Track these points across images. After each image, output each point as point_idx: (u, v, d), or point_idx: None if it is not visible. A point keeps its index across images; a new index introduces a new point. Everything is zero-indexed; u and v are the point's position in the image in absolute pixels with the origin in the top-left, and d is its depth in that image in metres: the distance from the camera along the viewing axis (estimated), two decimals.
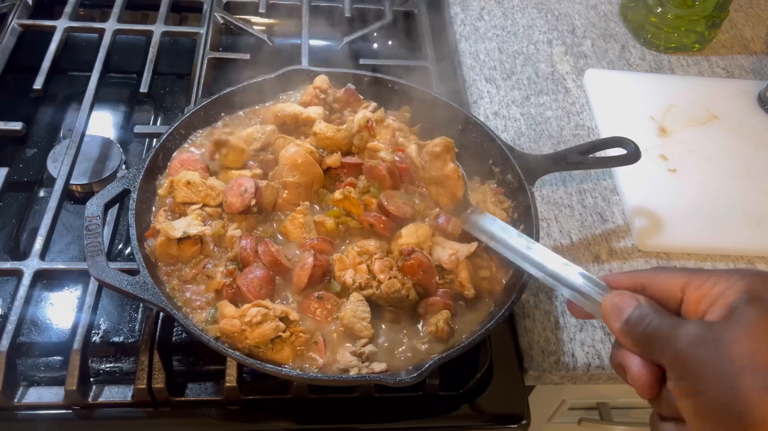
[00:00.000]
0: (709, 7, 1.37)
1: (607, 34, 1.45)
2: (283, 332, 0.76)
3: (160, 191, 0.90)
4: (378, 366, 0.77)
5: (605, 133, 1.22)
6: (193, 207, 0.87)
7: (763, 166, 1.19)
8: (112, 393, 0.84)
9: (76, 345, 0.83)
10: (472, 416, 0.88)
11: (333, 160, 0.94)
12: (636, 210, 1.10)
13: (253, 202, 0.87)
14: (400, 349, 0.81)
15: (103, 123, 1.22)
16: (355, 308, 0.79)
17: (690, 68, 1.41)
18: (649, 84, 1.32)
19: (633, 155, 0.99)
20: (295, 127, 0.98)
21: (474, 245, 0.88)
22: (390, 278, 0.84)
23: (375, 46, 1.39)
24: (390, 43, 1.39)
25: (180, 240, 0.84)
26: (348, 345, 0.79)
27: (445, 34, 1.41)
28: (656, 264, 1.06)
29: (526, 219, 0.93)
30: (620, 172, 1.15)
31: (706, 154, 1.20)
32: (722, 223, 1.10)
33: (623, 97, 1.29)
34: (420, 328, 0.84)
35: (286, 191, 0.93)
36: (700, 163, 1.18)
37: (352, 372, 0.75)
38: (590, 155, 1.01)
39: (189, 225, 0.84)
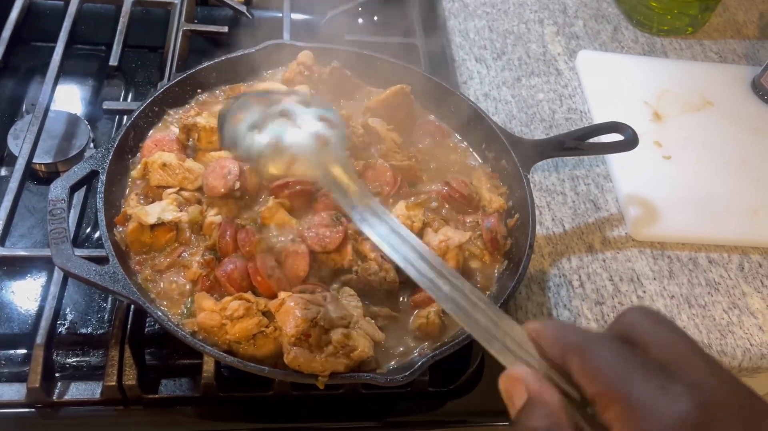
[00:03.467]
0: None
1: (600, 15, 1.41)
2: (267, 327, 0.71)
3: (133, 173, 0.84)
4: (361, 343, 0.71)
5: (598, 118, 1.18)
6: (169, 191, 0.81)
7: (759, 154, 1.16)
8: (79, 390, 0.78)
9: (40, 339, 0.77)
10: (463, 412, 0.84)
11: None
12: (630, 198, 1.06)
13: (237, 184, 0.81)
14: (391, 343, 0.77)
15: (69, 98, 1.14)
16: (347, 303, 0.74)
17: (683, 52, 1.37)
18: (643, 67, 1.28)
19: (630, 141, 0.95)
20: None
21: (468, 235, 0.84)
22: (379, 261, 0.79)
23: (360, 21, 1.32)
24: (375, 18, 1.33)
25: (153, 226, 0.78)
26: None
27: (434, 10, 1.35)
28: (650, 255, 1.02)
29: (521, 208, 0.89)
30: (614, 158, 1.11)
31: (701, 141, 1.17)
32: (717, 213, 1.07)
33: (616, 81, 1.25)
34: (410, 322, 0.79)
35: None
36: (695, 151, 1.15)
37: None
38: (587, 141, 0.96)
39: (164, 210, 0.78)
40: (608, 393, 0.41)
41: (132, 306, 0.82)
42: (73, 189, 0.79)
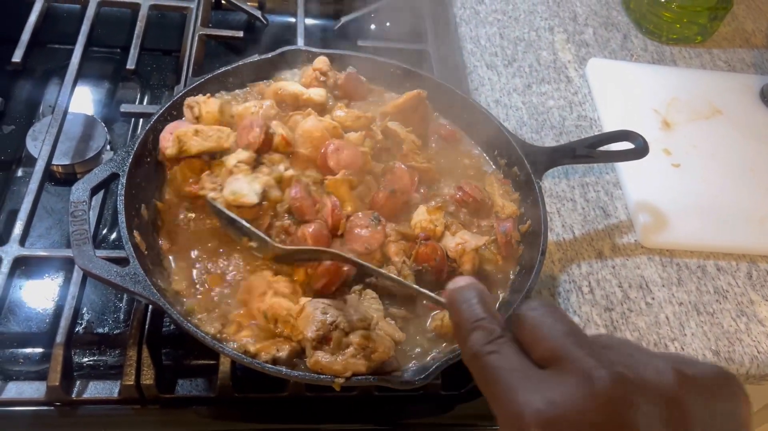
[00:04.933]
0: None
1: (609, 23, 1.42)
2: (294, 318, 0.73)
3: (169, 151, 0.84)
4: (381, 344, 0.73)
5: (608, 125, 1.19)
6: (231, 161, 0.83)
7: (767, 163, 1.17)
8: (98, 389, 0.79)
9: (60, 338, 0.78)
10: (474, 416, 0.85)
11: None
12: (639, 205, 1.07)
13: (262, 137, 0.83)
14: (408, 345, 0.78)
15: (86, 100, 1.16)
16: (368, 305, 0.76)
17: (692, 60, 1.38)
18: (652, 75, 1.30)
19: (641, 150, 0.96)
20: (294, 107, 0.93)
21: (484, 238, 0.85)
22: (399, 265, 0.81)
23: (372, 27, 1.33)
24: (388, 24, 1.34)
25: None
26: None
27: (445, 17, 1.36)
28: (659, 262, 1.04)
29: (533, 214, 0.90)
30: (623, 166, 1.12)
31: (710, 150, 1.18)
32: (725, 221, 1.08)
33: (626, 89, 1.26)
34: (428, 323, 0.80)
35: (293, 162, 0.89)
36: (704, 159, 1.16)
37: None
38: (598, 149, 0.97)
39: (253, 184, 0.79)
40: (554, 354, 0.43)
41: (150, 307, 0.83)
42: (94, 191, 0.80)
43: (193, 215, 0.85)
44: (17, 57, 1.06)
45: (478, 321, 0.48)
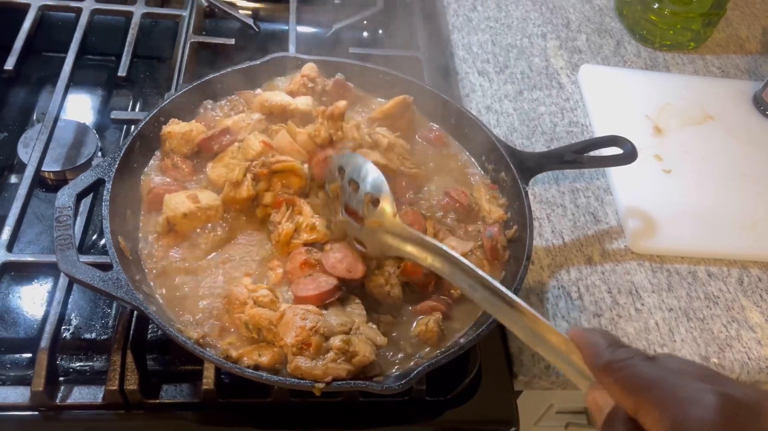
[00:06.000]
0: (706, 4, 1.34)
1: (602, 30, 1.42)
2: (274, 326, 0.72)
3: (160, 218, 0.85)
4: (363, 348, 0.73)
5: (599, 131, 1.19)
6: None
7: (759, 168, 1.17)
8: (82, 394, 0.79)
9: (44, 343, 0.78)
10: (460, 422, 0.85)
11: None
12: (629, 211, 1.07)
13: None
14: (392, 350, 0.78)
15: (78, 107, 1.17)
16: (351, 310, 0.76)
17: (685, 66, 1.38)
18: (645, 81, 1.30)
19: (629, 155, 0.96)
20: (282, 118, 0.94)
21: (470, 245, 0.85)
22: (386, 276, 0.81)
23: (365, 34, 1.34)
24: (380, 32, 1.35)
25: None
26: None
27: (437, 24, 1.37)
28: (649, 267, 1.03)
29: (519, 219, 0.90)
30: (614, 171, 1.12)
31: (702, 156, 1.17)
32: (717, 227, 1.07)
33: (618, 95, 1.26)
34: (411, 330, 0.80)
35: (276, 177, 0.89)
36: (695, 165, 1.16)
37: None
38: (586, 154, 0.97)
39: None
40: (645, 401, 0.47)
41: (135, 313, 0.83)
42: (80, 197, 0.81)
43: None
44: (9, 65, 1.07)
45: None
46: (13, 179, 1.06)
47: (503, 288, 0.61)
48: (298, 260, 0.80)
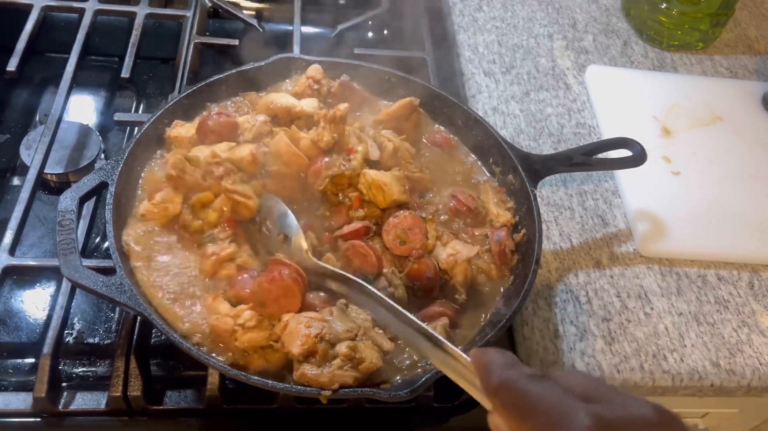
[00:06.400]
0: (715, 4, 1.33)
1: (609, 30, 1.41)
2: (275, 341, 0.71)
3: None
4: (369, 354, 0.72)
5: (607, 133, 1.18)
6: None
7: None
8: (85, 401, 0.78)
9: (47, 349, 0.77)
10: (467, 428, 0.84)
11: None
12: (638, 213, 1.06)
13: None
14: (399, 356, 0.76)
15: (81, 108, 1.16)
16: (356, 316, 0.74)
17: (693, 67, 1.37)
18: (652, 82, 1.28)
19: (638, 157, 0.95)
20: (287, 120, 0.93)
21: (476, 248, 0.84)
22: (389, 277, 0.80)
23: (370, 34, 1.33)
24: (386, 32, 1.33)
25: None
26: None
27: (443, 25, 1.36)
28: (658, 271, 1.02)
29: (528, 223, 0.89)
30: (622, 173, 1.11)
31: (711, 157, 1.16)
32: (726, 229, 1.06)
33: (625, 95, 1.24)
34: None
35: (269, 180, 0.88)
36: (704, 166, 1.14)
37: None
38: (594, 156, 0.96)
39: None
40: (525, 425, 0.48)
41: (138, 317, 0.82)
42: (83, 200, 0.80)
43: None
44: (12, 66, 1.07)
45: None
46: (16, 181, 1.05)
47: (422, 324, 0.65)
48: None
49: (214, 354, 0.73)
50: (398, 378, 0.75)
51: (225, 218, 0.81)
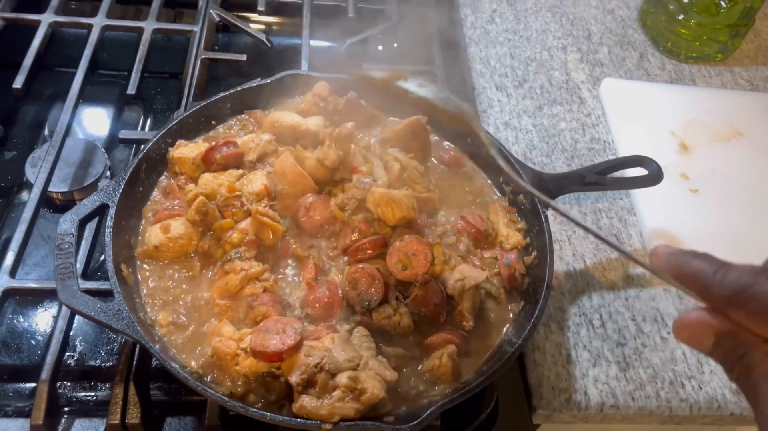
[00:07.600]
0: (734, 15, 1.29)
1: (625, 41, 1.38)
2: (278, 369, 0.69)
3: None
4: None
5: (622, 148, 1.14)
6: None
7: None
8: (83, 428, 0.77)
9: (45, 374, 0.76)
10: None
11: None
12: (654, 233, 1.02)
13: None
14: (404, 387, 0.74)
15: (89, 123, 1.15)
16: (359, 344, 0.72)
17: (712, 79, 1.33)
18: (670, 95, 1.25)
19: (655, 176, 0.92)
20: (293, 138, 0.91)
21: (485, 273, 0.81)
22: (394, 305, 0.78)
23: (380, 48, 1.31)
24: (395, 45, 1.31)
25: None
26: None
27: (454, 38, 1.33)
28: (675, 293, 0.98)
29: (539, 245, 0.86)
30: (638, 191, 1.08)
31: (730, 174, 1.12)
32: (746, 249, 1.02)
33: (642, 110, 1.21)
34: (423, 364, 0.76)
35: (278, 200, 0.87)
36: (723, 184, 1.10)
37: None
38: (609, 175, 0.93)
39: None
40: None
41: None
42: (83, 222, 0.79)
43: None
44: (18, 83, 1.06)
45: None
46: (24, 197, 1.04)
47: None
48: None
49: (213, 384, 0.71)
50: (403, 407, 0.73)
51: (247, 241, 0.81)
